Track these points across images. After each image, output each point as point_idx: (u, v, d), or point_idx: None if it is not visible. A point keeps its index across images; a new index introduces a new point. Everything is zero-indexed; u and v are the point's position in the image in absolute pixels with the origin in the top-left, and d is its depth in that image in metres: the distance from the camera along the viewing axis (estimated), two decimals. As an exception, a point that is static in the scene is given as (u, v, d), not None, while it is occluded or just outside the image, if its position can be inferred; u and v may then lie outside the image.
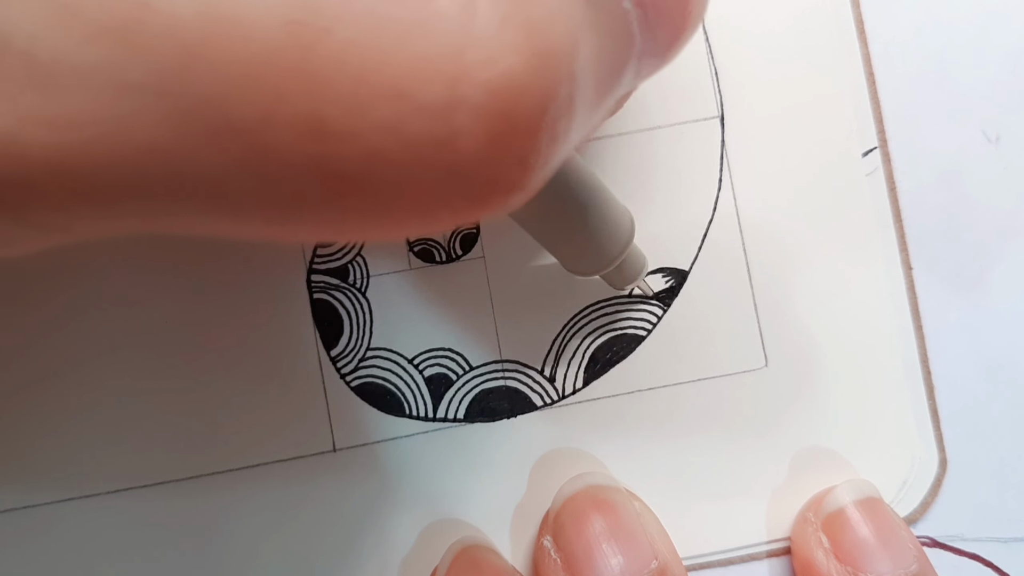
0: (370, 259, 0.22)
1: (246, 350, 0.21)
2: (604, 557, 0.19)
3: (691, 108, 0.22)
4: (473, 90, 0.09)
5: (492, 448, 0.21)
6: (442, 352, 0.22)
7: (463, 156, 0.09)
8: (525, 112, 0.09)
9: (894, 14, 0.22)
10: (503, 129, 0.09)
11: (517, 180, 0.10)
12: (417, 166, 0.09)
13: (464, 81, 0.09)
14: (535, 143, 0.09)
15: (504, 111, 0.09)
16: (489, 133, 0.09)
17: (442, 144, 0.09)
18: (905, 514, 0.22)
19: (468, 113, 0.09)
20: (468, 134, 0.09)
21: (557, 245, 0.19)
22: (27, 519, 0.21)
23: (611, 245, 0.18)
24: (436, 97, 0.09)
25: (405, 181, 0.09)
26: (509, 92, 0.09)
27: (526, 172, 0.10)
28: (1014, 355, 0.22)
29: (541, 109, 0.09)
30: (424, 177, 0.09)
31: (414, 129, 0.09)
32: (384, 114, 0.09)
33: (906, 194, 0.22)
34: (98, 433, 0.21)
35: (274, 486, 0.21)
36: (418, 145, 0.09)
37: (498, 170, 0.09)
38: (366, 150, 0.09)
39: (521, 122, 0.09)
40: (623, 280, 0.20)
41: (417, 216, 0.10)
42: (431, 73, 0.09)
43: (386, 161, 0.09)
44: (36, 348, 0.21)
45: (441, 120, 0.09)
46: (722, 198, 0.22)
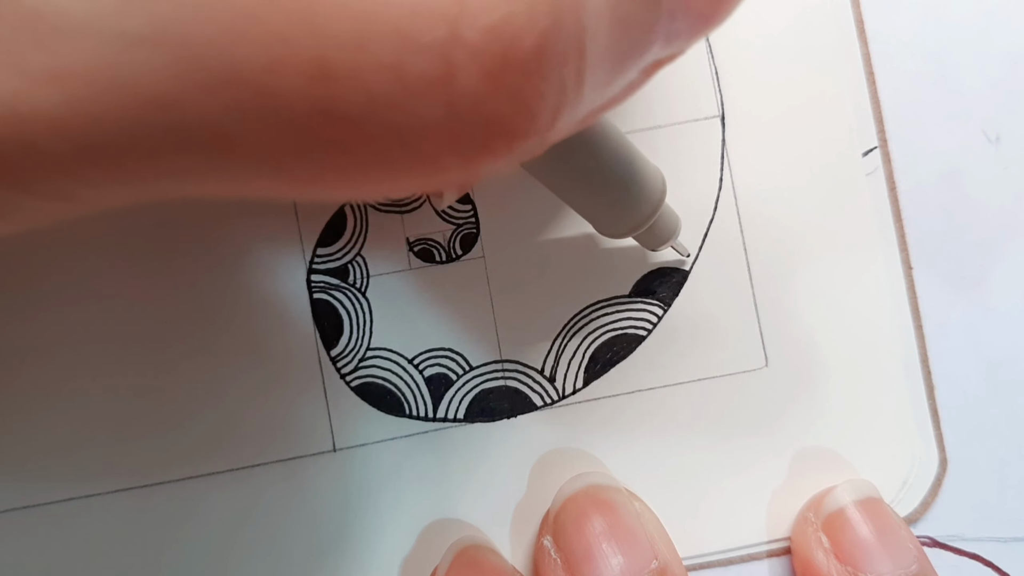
0: (370, 259, 0.22)
1: (246, 350, 0.21)
2: (604, 557, 0.19)
3: (691, 107, 0.22)
4: (471, 31, 0.09)
5: (492, 448, 0.21)
6: (442, 352, 0.22)
7: (459, 94, 0.09)
8: (521, 54, 0.09)
9: (894, 14, 0.22)
10: (497, 67, 0.09)
11: (519, 123, 0.10)
12: (416, 106, 0.09)
13: (463, 22, 0.09)
14: (535, 87, 0.09)
15: (499, 50, 0.09)
16: (484, 71, 0.09)
17: (439, 83, 0.09)
18: (905, 514, 0.22)
19: (464, 52, 0.09)
20: (464, 72, 0.09)
21: (590, 207, 0.19)
22: (27, 519, 0.21)
23: (644, 205, 0.18)
24: (435, 37, 0.09)
25: (406, 122, 0.09)
26: (505, 32, 0.09)
27: (528, 116, 0.10)
28: (1014, 355, 0.22)
29: (539, 53, 0.09)
30: (423, 117, 0.09)
31: (413, 69, 0.09)
32: (385, 55, 0.09)
33: (906, 194, 0.22)
34: (98, 433, 0.21)
35: (274, 486, 0.21)
36: (417, 84, 0.09)
37: (494, 109, 0.09)
38: (368, 92, 0.09)
39: (516, 61, 0.09)
40: (657, 240, 0.20)
41: (422, 161, 0.10)
42: (432, 14, 0.09)
43: (387, 102, 0.09)
44: (37, 349, 0.21)
45: (439, 59, 0.09)
46: (722, 198, 0.22)
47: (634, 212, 0.19)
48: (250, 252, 0.21)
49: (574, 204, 0.19)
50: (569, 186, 0.18)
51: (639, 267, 0.22)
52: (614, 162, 0.17)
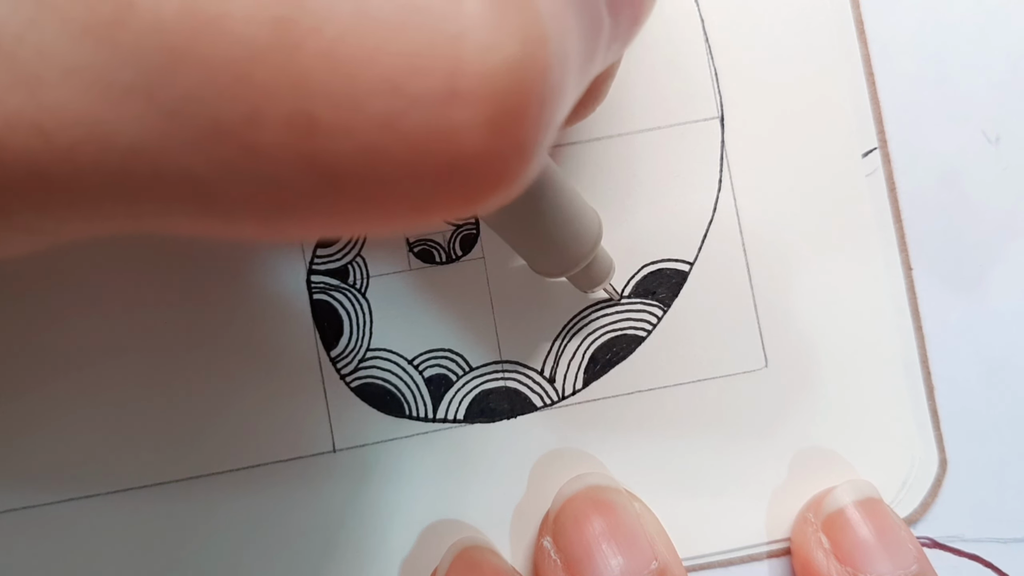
0: (370, 260, 0.22)
1: (246, 350, 0.21)
2: (604, 558, 0.19)
3: (691, 109, 0.22)
4: (471, 80, 0.08)
5: (492, 448, 0.21)
6: (442, 353, 0.22)
7: (464, 148, 0.09)
8: (524, 98, 0.09)
9: (894, 14, 0.22)
10: (503, 119, 0.09)
11: (516, 169, 0.09)
12: (416, 161, 0.09)
13: (461, 71, 0.08)
14: (535, 129, 0.09)
15: (504, 100, 0.09)
16: (489, 124, 0.09)
17: (442, 138, 0.09)
18: (905, 514, 0.22)
19: (467, 104, 0.08)
20: (468, 126, 0.09)
21: (523, 245, 0.18)
22: (27, 519, 0.21)
23: (578, 246, 0.18)
24: (433, 89, 0.08)
25: (403, 177, 0.09)
26: (508, 80, 0.09)
27: (525, 160, 0.09)
28: (1014, 355, 0.22)
29: (539, 94, 0.09)
30: (424, 172, 0.09)
31: (411, 123, 0.08)
32: (379, 109, 0.08)
33: (906, 194, 0.22)
34: (98, 433, 0.21)
35: (274, 486, 0.21)
36: (416, 140, 0.09)
37: (499, 161, 0.09)
38: (362, 146, 0.09)
39: (521, 110, 0.09)
40: (589, 283, 0.20)
41: (414, 212, 0.09)
42: (426, 65, 0.08)
43: (383, 157, 0.09)
44: (37, 349, 0.21)
45: (440, 112, 0.08)
46: (722, 199, 0.22)
47: (569, 254, 0.18)
48: (250, 253, 0.21)
49: (509, 240, 0.18)
50: (505, 223, 0.18)
51: (639, 268, 0.22)
52: (552, 203, 0.17)
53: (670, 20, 0.22)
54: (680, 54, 0.22)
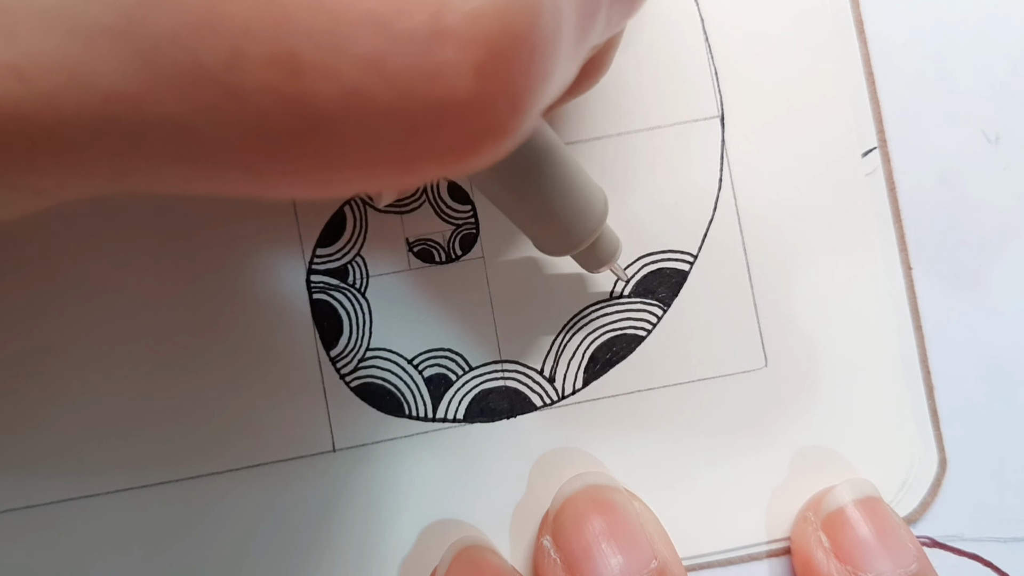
0: (370, 259, 0.22)
1: (246, 350, 0.21)
2: (604, 557, 0.19)
3: (691, 108, 0.22)
4: (457, 19, 0.08)
5: (492, 448, 0.21)
6: (442, 352, 0.22)
7: (450, 92, 0.08)
8: (513, 42, 0.08)
9: (894, 14, 0.22)
10: (492, 61, 0.08)
11: (507, 120, 0.09)
12: (401, 104, 0.08)
13: (447, 11, 0.08)
14: (526, 77, 0.09)
15: (491, 41, 0.08)
16: (477, 66, 0.08)
17: (427, 79, 0.08)
18: (905, 514, 0.22)
19: (453, 44, 0.08)
20: (455, 68, 0.08)
21: (528, 221, 0.18)
22: (27, 519, 0.21)
23: (583, 223, 0.18)
24: (418, 27, 0.08)
25: (389, 121, 0.09)
26: (495, 20, 0.08)
27: (516, 111, 0.09)
28: (1014, 355, 0.22)
29: (529, 40, 0.09)
30: (409, 117, 0.09)
31: (397, 63, 0.08)
32: (363, 48, 0.08)
33: (906, 194, 0.22)
34: (98, 433, 0.21)
35: (274, 486, 0.21)
36: (402, 81, 0.08)
37: (488, 107, 0.09)
38: (345, 87, 0.08)
39: (510, 53, 0.08)
40: (596, 262, 0.20)
41: (402, 162, 0.09)
42: (411, 2, 0.08)
43: (368, 99, 0.08)
44: (38, 350, 0.21)
45: (425, 52, 0.08)
46: (722, 198, 0.22)
47: (574, 230, 0.18)
48: (250, 253, 0.21)
49: (514, 218, 0.18)
50: (509, 199, 0.18)
51: (639, 267, 0.22)
52: (556, 177, 0.17)
53: (670, 20, 0.22)
54: (680, 53, 0.22)
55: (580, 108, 0.22)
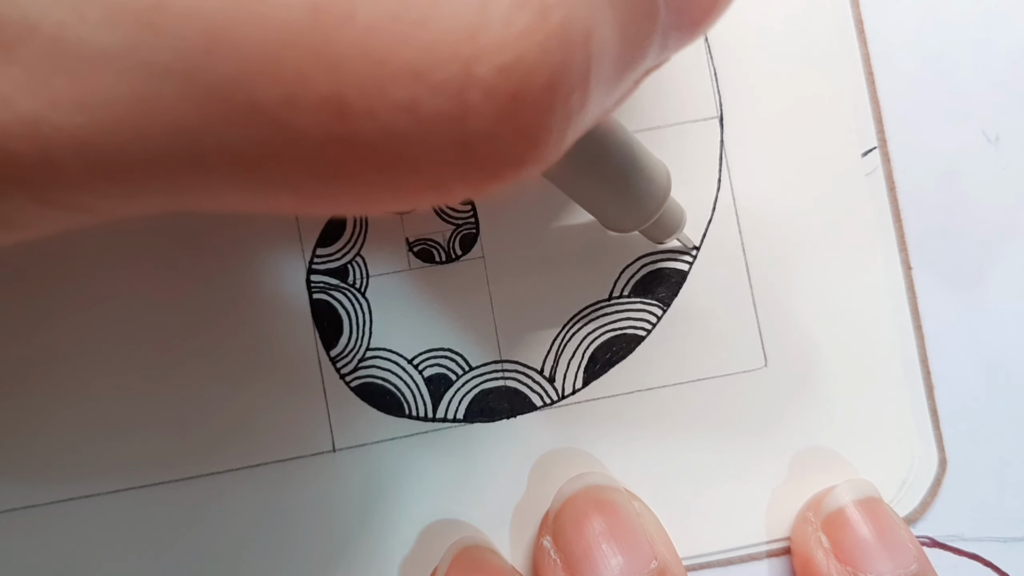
0: (370, 259, 0.22)
1: (246, 350, 0.21)
2: (604, 557, 0.19)
3: (690, 108, 0.22)
4: (484, 71, 0.09)
5: (492, 448, 0.21)
6: (442, 352, 0.22)
7: (472, 132, 0.09)
8: (533, 92, 0.09)
9: (894, 14, 0.22)
10: (510, 108, 0.09)
11: (527, 154, 0.10)
12: (430, 142, 0.09)
13: (477, 62, 0.09)
14: (544, 121, 0.10)
15: (512, 91, 0.09)
16: (497, 112, 0.09)
17: (453, 121, 0.09)
18: (905, 514, 0.22)
19: (478, 92, 0.09)
20: (478, 112, 0.09)
21: (597, 204, 0.19)
22: (27, 519, 0.21)
23: (650, 200, 0.19)
24: (450, 77, 0.09)
25: (419, 156, 0.10)
26: (518, 73, 0.09)
27: (536, 147, 0.10)
28: (1014, 355, 0.22)
29: (550, 90, 0.09)
30: (435, 151, 0.09)
31: (428, 108, 0.09)
32: (401, 94, 0.09)
33: (906, 194, 0.22)
34: (98, 433, 0.21)
35: (274, 486, 0.21)
36: (431, 123, 0.09)
37: (506, 146, 0.10)
38: (384, 128, 0.09)
39: (528, 102, 0.09)
40: (663, 234, 0.20)
41: (432, 188, 0.10)
42: (446, 55, 0.09)
43: (402, 138, 0.09)
44: (38, 350, 0.21)
45: (453, 99, 0.09)
46: (721, 198, 0.22)
47: (641, 206, 0.19)
48: (250, 253, 0.21)
49: (581, 201, 0.19)
50: (576, 183, 0.18)
51: (639, 267, 0.22)
52: (619, 158, 0.18)
53: (670, 20, 0.22)
54: (680, 53, 0.22)
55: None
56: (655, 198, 0.19)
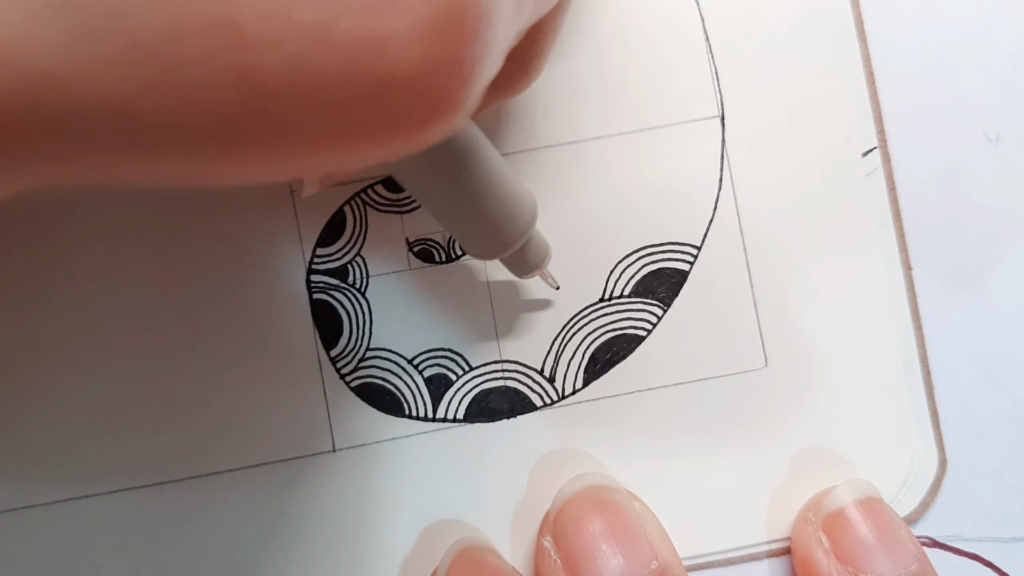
0: (370, 259, 0.22)
1: (246, 350, 0.21)
2: (604, 558, 0.19)
3: (691, 108, 0.22)
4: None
5: (492, 448, 0.21)
6: (442, 352, 0.22)
7: (398, 62, 0.08)
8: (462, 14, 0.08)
9: (894, 14, 0.22)
10: (442, 30, 0.08)
11: (456, 93, 0.09)
12: (349, 75, 0.08)
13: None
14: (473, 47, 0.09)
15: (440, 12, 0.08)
16: (427, 35, 0.08)
17: (375, 48, 0.08)
18: (905, 514, 0.22)
19: (402, 13, 0.08)
20: (403, 37, 0.08)
21: (456, 221, 0.18)
22: (27, 519, 0.21)
23: (512, 225, 0.18)
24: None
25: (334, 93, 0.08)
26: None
27: (465, 83, 0.09)
28: (1014, 355, 0.22)
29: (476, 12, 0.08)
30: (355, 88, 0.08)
31: (343, 32, 0.08)
32: (308, 16, 0.08)
33: (906, 194, 0.22)
34: (98, 434, 0.21)
35: (274, 486, 0.21)
36: (348, 50, 0.08)
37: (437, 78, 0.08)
38: (291, 58, 0.08)
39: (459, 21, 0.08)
40: (525, 267, 0.20)
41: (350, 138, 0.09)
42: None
43: (314, 70, 0.08)
44: (37, 350, 0.21)
45: (372, 21, 0.08)
46: (722, 197, 0.22)
47: (503, 232, 0.18)
48: (250, 253, 0.21)
49: (442, 217, 0.18)
50: (437, 196, 0.18)
51: (640, 267, 0.22)
52: (483, 176, 0.17)
53: (670, 20, 0.22)
54: (681, 53, 0.22)
55: (580, 108, 0.22)
56: (517, 225, 0.18)
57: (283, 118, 0.08)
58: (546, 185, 0.22)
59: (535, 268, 0.20)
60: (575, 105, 0.22)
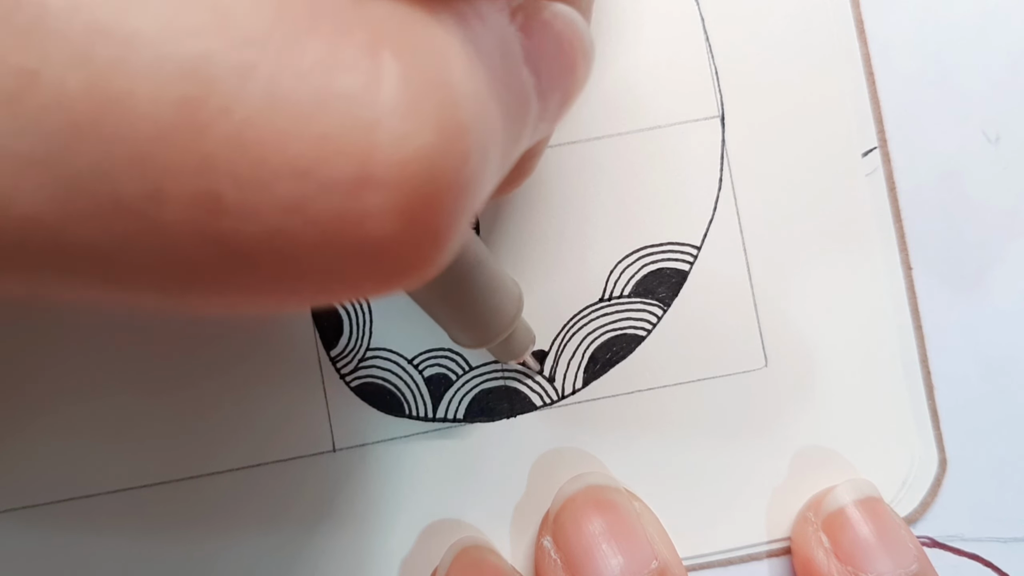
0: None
1: (246, 350, 0.21)
2: (604, 557, 0.19)
3: (691, 108, 0.22)
4: (384, 168, 0.08)
5: (492, 448, 0.21)
6: (442, 352, 0.22)
7: (374, 234, 0.09)
8: (439, 188, 0.09)
9: (894, 14, 0.22)
10: (418, 208, 0.09)
11: (429, 256, 0.09)
12: (324, 245, 0.09)
13: (374, 159, 0.08)
14: (450, 218, 0.09)
15: (419, 189, 0.09)
16: (403, 212, 0.09)
17: (351, 222, 0.08)
18: (905, 514, 0.22)
19: (379, 192, 0.08)
20: (380, 213, 0.08)
21: (442, 318, 0.18)
22: (27, 519, 0.21)
23: (497, 321, 0.18)
24: (344, 175, 0.08)
25: (310, 260, 0.09)
26: (424, 170, 0.08)
27: (438, 247, 0.09)
28: (1014, 355, 0.22)
29: (454, 184, 0.09)
30: (332, 256, 0.09)
31: (320, 208, 0.08)
32: (287, 192, 0.08)
33: (906, 194, 0.22)
34: (98, 433, 0.21)
35: (274, 486, 0.21)
36: (325, 223, 0.08)
37: (411, 249, 0.09)
38: (268, 228, 0.08)
39: (435, 199, 0.09)
40: (508, 355, 0.20)
41: (323, 292, 0.09)
42: (338, 151, 0.08)
43: (291, 239, 0.08)
44: (37, 349, 0.21)
45: (350, 198, 0.08)
46: (722, 198, 0.22)
47: (488, 329, 0.18)
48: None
49: (428, 311, 0.18)
50: (423, 297, 0.18)
51: (639, 267, 0.22)
52: (471, 278, 0.17)
53: (670, 20, 0.22)
54: (680, 53, 0.22)
55: (580, 108, 0.22)
56: (502, 320, 0.18)
57: (260, 275, 0.09)
58: (546, 185, 0.22)
59: (517, 357, 0.20)
60: (575, 106, 0.22)
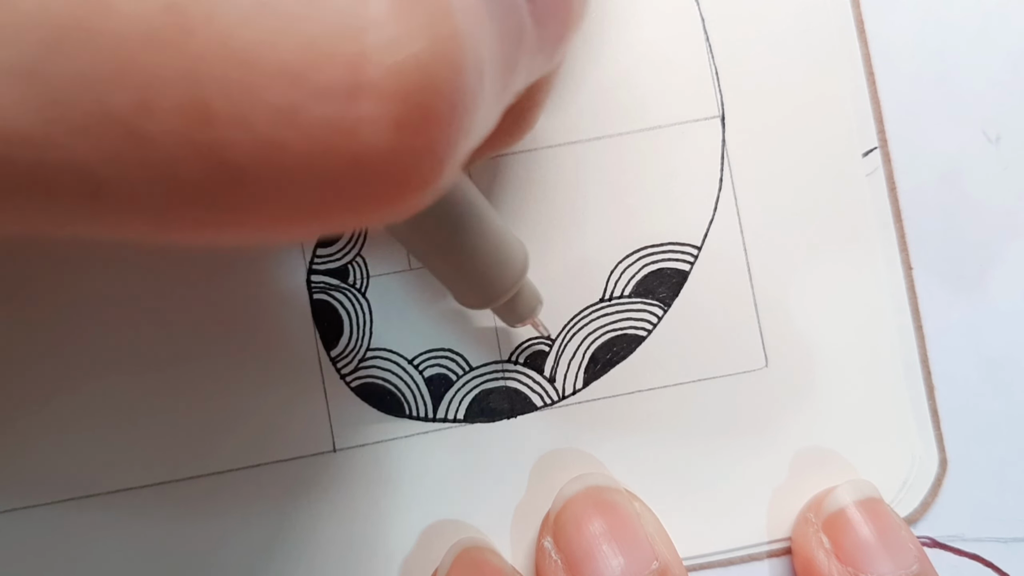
0: (370, 259, 0.22)
1: (246, 350, 0.21)
2: (605, 558, 0.19)
3: (692, 108, 0.22)
4: (378, 74, 0.08)
5: (492, 448, 0.21)
6: (442, 352, 0.22)
7: (368, 146, 0.08)
8: (435, 97, 0.08)
9: (894, 14, 0.22)
10: (412, 116, 0.08)
11: (427, 174, 0.09)
12: (317, 156, 0.08)
13: (367, 64, 0.08)
14: (447, 132, 0.09)
15: (412, 96, 0.08)
16: (398, 121, 0.08)
17: (345, 132, 0.08)
18: (905, 514, 0.22)
19: (372, 98, 0.08)
20: (373, 122, 0.08)
21: (446, 274, 0.18)
22: (27, 519, 0.21)
23: (502, 277, 0.18)
24: (336, 80, 0.08)
25: (303, 172, 0.08)
26: (417, 75, 0.08)
27: (436, 165, 0.09)
28: (1014, 355, 0.22)
29: (451, 94, 0.08)
30: (325, 169, 0.08)
31: (313, 115, 0.08)
32: (278, 98, 0.08)
33: (906, 194, 0.22)
34: (98, 433, 0.21)
35: (274, 486, 0.21)
36: (318, 132, 0.08)
37: (407, 162, 0.09)
38: (259, 138, 0.08)
39: (431, 108, 0.08)
40: (515, 316, 0.19)
41: (317, 214, 0.09)
42: (328, 56, 0.08)
43: (282, 151, 0.08)
44: (37, 350, 0.21)
45: (342, 106, 0.08)
46: (722, 198, 0.22)
47: (493, 284, 0.18)
48: (250, 253, 0.21)
49: (431, 268, 0.18)
50: (427, 251, 0.17)
51: (640, 267, 0.22)
52: (474, 230, 0.17)
53: (671, 20, 0.22)
54: (680, 53, 0.22)
55: (580, 108, 0.22)
56: (507, 277, 0.18)
57: (252, 192, 0.08)
58: (546, 185, 0.22)
59: (525, 318, 0.20)
60: (575, 105, 0.22)
